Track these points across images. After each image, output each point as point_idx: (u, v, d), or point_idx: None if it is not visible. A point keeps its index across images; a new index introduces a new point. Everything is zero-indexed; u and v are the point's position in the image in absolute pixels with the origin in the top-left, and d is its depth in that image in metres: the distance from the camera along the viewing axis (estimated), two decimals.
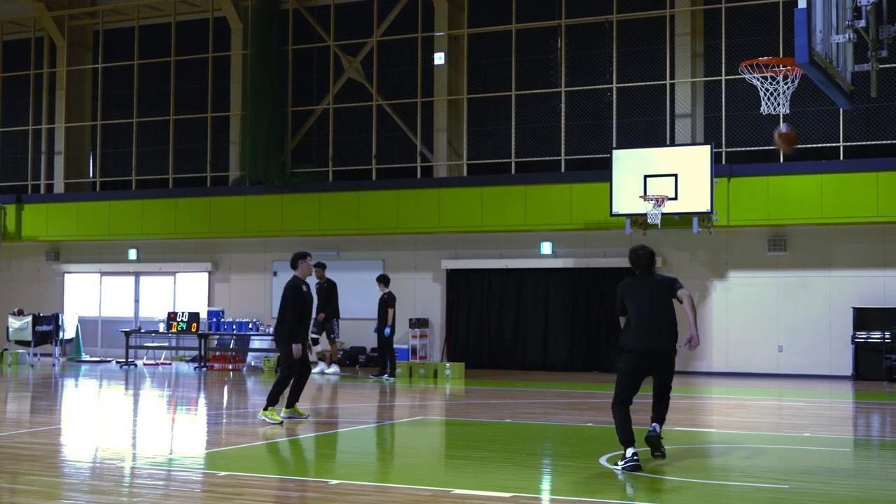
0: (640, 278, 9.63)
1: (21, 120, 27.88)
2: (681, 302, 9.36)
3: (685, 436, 11.86)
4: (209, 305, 24.96)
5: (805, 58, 9.08)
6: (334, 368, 20.45)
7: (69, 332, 24.35)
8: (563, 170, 22.49)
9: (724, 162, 20.95)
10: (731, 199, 20.32)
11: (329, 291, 20.15)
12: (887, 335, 19.59)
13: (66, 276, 27.08)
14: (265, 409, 12.27)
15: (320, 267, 19.82)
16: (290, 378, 12.44)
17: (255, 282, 25.04)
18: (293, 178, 24.02)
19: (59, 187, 27.09)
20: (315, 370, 19.80)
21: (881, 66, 10.87)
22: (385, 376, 19.36)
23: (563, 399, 16.05)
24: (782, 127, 11.88)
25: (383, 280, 19.84)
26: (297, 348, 12.25)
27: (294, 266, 12.69)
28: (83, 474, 8.86)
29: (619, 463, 8.98)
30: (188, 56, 26.10)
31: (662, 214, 19.71)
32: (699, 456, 10.62)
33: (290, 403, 12.59)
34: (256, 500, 7.52)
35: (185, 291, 25.83)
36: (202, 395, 16.86)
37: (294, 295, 12.40)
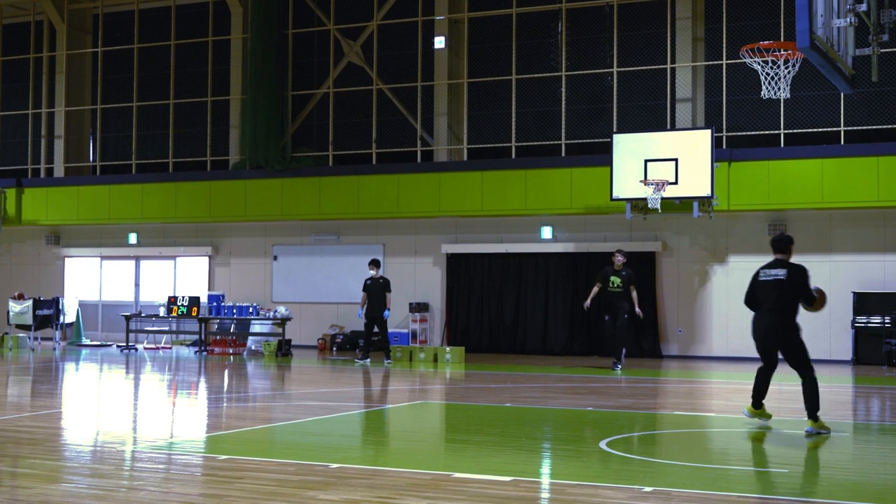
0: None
1: (21, 104, 27.84)
2: None
3: (685, 420, 11.88)
4: (209, 289, 24.98)
5: (806, 42, 9.07)
6: None
7: (70, 315, 24.36)
8: (563, 154, 22.47)
9: (724, 146, 20.92)
10: (732, 184, 20.31)
11: None
12: (887, 320, 19.60)
13: (67, 259, 27.08)
14: (814, 421, 10.72)
15: None
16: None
17: (255, 266, 25.04)
18: (293, 163, 24.01)
19: (59, 171, 27.06)
20: None
21: (882, 50, 10.85)
22: (367, 360, 19.49)
23: (563, 383, 16.07)
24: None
25: (377, 264, 19.97)
26: None
27: None
28: (84, 458, 8.88)
29: None
30: (188, 40, 26.05)
31: (663, 199, 19.71)
32: (699, 440, 10.65)
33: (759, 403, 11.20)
34: (256, 484, 7.53)
35: (185, 275, 25.84)
36: (203, 379, 16.88)
37: None
